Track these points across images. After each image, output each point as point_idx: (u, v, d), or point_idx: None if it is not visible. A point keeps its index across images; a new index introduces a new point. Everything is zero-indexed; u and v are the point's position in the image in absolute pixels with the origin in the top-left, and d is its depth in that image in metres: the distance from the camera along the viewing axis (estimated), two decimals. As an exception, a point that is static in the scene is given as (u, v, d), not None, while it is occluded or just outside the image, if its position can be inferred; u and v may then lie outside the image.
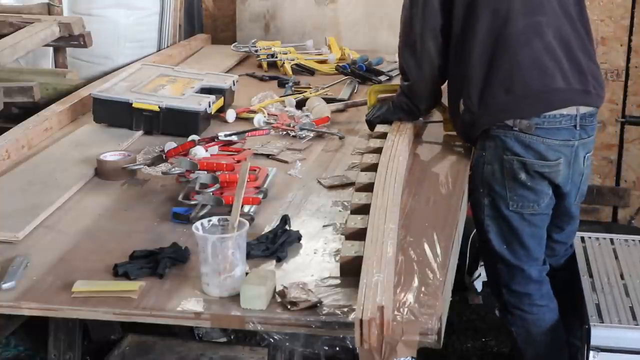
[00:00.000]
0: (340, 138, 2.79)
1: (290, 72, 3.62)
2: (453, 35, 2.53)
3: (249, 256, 1.92)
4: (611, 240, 3.09)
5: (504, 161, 2.48)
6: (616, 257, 2.97)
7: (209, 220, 1.90)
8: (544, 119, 2.44)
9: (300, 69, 3.69)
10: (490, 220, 2.57)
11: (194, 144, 2.50)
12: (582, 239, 3.06)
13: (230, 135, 2.62)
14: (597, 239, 3.08)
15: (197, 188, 2.22)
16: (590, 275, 2.82)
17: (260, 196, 2.26)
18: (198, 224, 1.88)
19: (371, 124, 2.77)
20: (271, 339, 1.85)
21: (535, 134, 2.44)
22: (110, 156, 2.52)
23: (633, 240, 3.09)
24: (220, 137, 2.59)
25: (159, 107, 2.80)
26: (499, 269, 2.63)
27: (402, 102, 2.70)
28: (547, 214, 2.59)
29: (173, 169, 2.34)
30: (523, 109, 2.45)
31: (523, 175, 2.48)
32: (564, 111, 2.46)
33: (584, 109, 2.49)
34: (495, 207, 2.54)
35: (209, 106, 2.86)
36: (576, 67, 2.49)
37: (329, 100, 3.14)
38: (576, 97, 2.48)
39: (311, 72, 3.68)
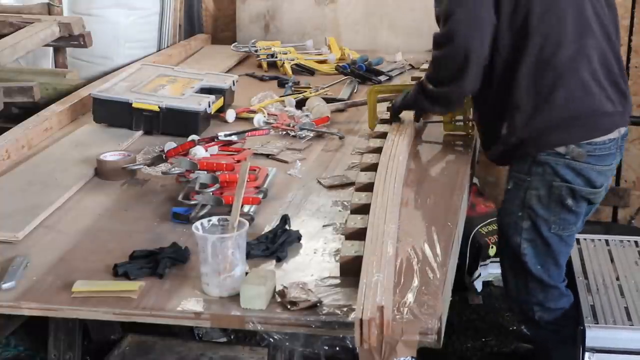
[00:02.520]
0: (340, 138, 2.79)
1: (290, 72, 3.62)
2: (498, 59, 2.43)
3: (249, 256, 1.92)
4: (606, 241, 3.09)
5: (552, 187, 2.46)
6: (611, 258, 2.97)
7: (209, 220, 1.90)
8: (595, 146, 2.43)
9: (300, 69, 3.69)
10: (528, 242, 2.55)
11: (193, 144, 2.50)
12: (577, 240, 3.06)
13: (230, 135, 2.62)
14: (593, 240, 3.08)
15: (197, 188, 2.22)
16: (586, 277, 2.83)
17: (260, 196, 2.26)
18: (198, 223, 1.88)
19: (395, 113, 2.73)
20: (271, 339, 1.85)
21: (587, 161, 2.43)
22: (110, 156, 2.52)
23: (628, 241, 3.10)
24: (220, 137, 2.59)
25: (159, 107, 2.80)
26: (531, 288, 2.62)
27: (422, 103, 2.61)
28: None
29: (173, 169, 2.34)
30: (574, 134, 2.42)
31: (570, 201, 2.48)
32: (611, 135, 2.46)
33: (623, 130, 2.51)
34: (536, 230, 2.52)
35: (209, 106, 2.86)
36: (617, 89, 2.48)
37: (328, 100, 3.14)
38: (619, 119, 2.49)
39: (311, 72, 3.68)
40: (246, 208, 2.20)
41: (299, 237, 2.07)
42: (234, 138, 2.61)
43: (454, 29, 2.39)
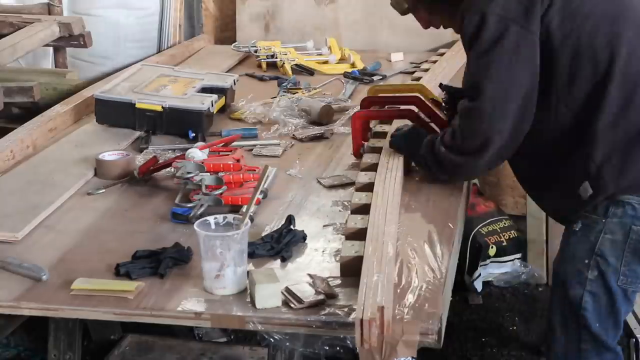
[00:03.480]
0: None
1: (290, 73, 3.62)
2: (565, 117, 2.15)
3: (254, 255, 1.92)
4: None
5: (630, 233, 2.16)
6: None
7: (225, 217, 1.90)
8: None
9: (300, 69, 3.69)
10: (591, 295, 2.21)
11: (155, 159, 2.50)
12: None
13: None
14: None
15: (204, 190, 2.22)
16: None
17: (260, 196, 2.26)
18: (211, 218, 1.89)
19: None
20: (271, 339, 1.85)
21: None
22: (109, 156, 2.52)
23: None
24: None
25: (162, 107, 2.80)
26: (584, 349, 2.26)
27: (427, 161, 2.33)
28: None
29: (179, 172, 2.31)
30: None
31: None
32: None
33: None
34: (603, 281, 2.20)
35: (212, 105, 2.86)
36: None
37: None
38: None
39: (310, 72, 3.68)
40: (245, 208, 2.20)
41: (304, 237, 2.07)
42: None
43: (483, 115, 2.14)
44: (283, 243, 2.02)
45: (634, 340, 2.54)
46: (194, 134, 2.78)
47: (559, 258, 2.29)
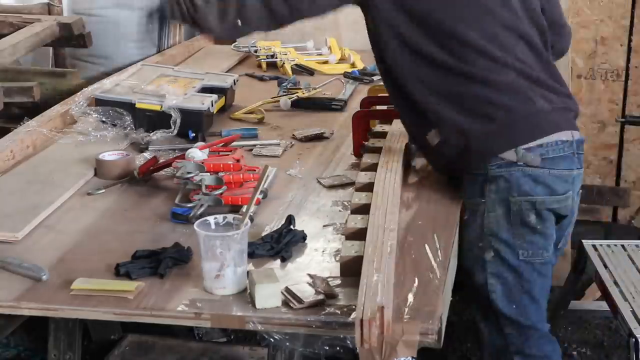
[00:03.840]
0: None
1: (291, 73, 3.62)
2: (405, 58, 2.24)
3: (253, 256, 1.92)
4: (622, 246, 3.08)
5: (510, 204, 2.18)
6: (633, 263, 2.97)
7: (225, 217, 1.91)
8: (547, 148, 2.18)
9: (300, 69, 3.69)
10: (495, 277, 2.22)
11: (155, 160, 2.50)
12: (594, 247, 3.06)
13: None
14: (609, 246, 3.08)
15: (204, 190, 2.22)
16: (617, 285, 2.81)
17: (260, 196, 2.26)
18: (211, 218, 1.89)
19: None
20: (271, 339, 1.85)
21: (542, 165, 2.17)
22: (109, 156, 2.52)
23: (646, 245, 3.09)
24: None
25: (162, 107, 2.80)
26: (507, 334, 2.26)
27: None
28: (553, 264, 2.31)
29: (179, 173, 2.31)
30: (519, 137, 2.18)
31: (533, 218, 2.19)
32: (562, 137, 2.21)
33: (577, 135, 2.26)
34: (502, 260, 2.21)
35: (212, 105, 2.86)
36: (550, 87, 2.27)
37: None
38: (566, 122, 2.27)
39: (310, 72, 3.68)
40: (245, 208, 2.20)
41: (304, 237, 2.07)
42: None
43: None
44: (283, 243, 2.02)
45: (633, 340, 2.54)
46: (194, 134, 2.78)
47: (460, 254, 2.26)
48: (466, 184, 2.26)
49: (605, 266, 2.94)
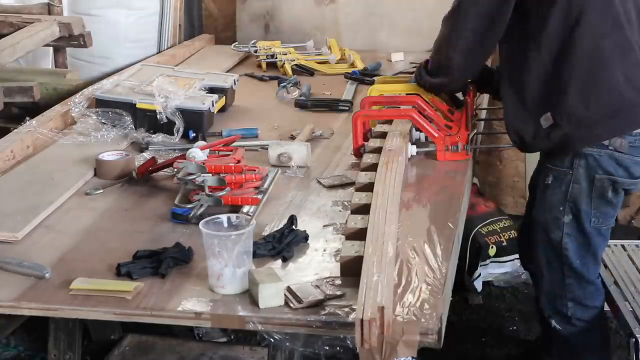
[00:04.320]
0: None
1: (291, 73, 3.62)
2: (545, 48, 2.44)
3: (255, 255, 1.92)
4: (622, 246, 3.08)
5: (594, 180, 2.49)
6: (633, 263, 2.97)
7: (237, 217, 1.91)
8: (636, 137, 2.47)
9: (300, 70, 3.69)
10: (570, 237, 2.56)
11: (153, 161, 2.50)
12: None
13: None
14: (609, 246, 3.08)
15: (207, 192, 2.22)
16: (617, 285, 2.81)
17: (260, 196, 2.26)
18: (224, 217, 1.89)
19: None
20: (271, 339, 1.85)
21: (628, 152, 2.47)
22: (109, 156, 2.52)
23: (646, 245, 3.09)
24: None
25: (165, 110, 2.79)
26: (568, 284, 2.62)
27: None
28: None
29: (180, 174, 2.31)
30: (619, 126, 2.45)
31: (610, 193, 2.51)
32: None
33: None
34: (577, 224, 2.54)
35: (212, 105, 2.86)
36: None
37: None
38: None
39: (311, 72, 3.69)
40: (245, 208, 2.21)
41: (305, 237, 2.07)
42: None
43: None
44: (285, 243, 2.02)
45: (633, 340, 2.54)
46: (194, 134, 2.78)
47: (538, 210, 2.61)
48: (545, 133, 2.47)
49: (606, 266, 2.94)
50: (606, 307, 2.89)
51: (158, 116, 2.75)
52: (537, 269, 2.70)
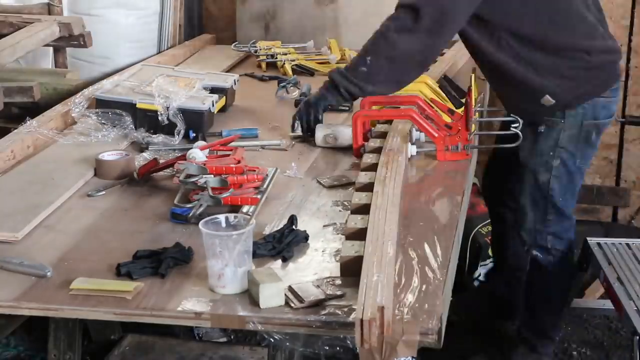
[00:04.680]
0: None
1: (291, 73, 3.63)
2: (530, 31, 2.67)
3: (254, 255, 1.92)
4: (627, 244, 3.08)
5: (582, 127, 2.77)
6: (638, 261, 2.97)
7: (235, 217, 1.91)
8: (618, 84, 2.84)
9: (300, 70, 3.69)
10: (556, 178, 2.83)
11: (155, 162, 2.50)
12: (599, 244, 3.07)
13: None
14: (614, 244, 3.08)
15: (210, 193, 2.21)
16: (622, 283, 2.81)
17: (259, 196, 2.26)
18: (222, 217, 1.89)
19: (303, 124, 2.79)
20: (271, 339, 1.85)
21: (612, 95, 2.80)
22: (109, 156, 2.52)
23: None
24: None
25: (166, 111, 2.79)
26: (550, 220, 2.90)
27: (343, 86, 2.69)
28: None
29: (182, 175, 2.31)
30: (610, 81, 2.79)
31: (594, 136, 2.81)
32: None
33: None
34: (565, 165, 2.82)
35: (213, 105, 2.86)
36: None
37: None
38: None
39: (311, 72, 3.69)
40: (245, 208, 2.21)
41: (306, 237, 2.07)
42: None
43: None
44: (285, 243, 2.02)
45: (637, 338, 2.54)
46: (195, 134, 2.78)
47: (528, 155, 2.83)
48: (548, 107, 2.73)
49: (610, 264, 2.94)
50: (608, 306, 2.89)
51: (159, 117, 2.75)
52: (521, 210, 2.95)
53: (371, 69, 2.64)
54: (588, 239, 3.13)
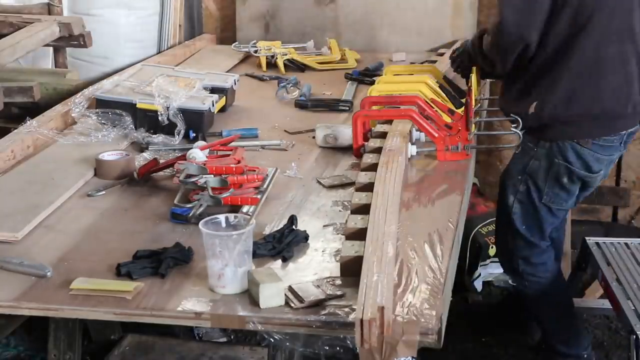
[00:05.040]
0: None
1: (283, 69, 3.66)
2: (550, 47, 2.60)
3: (255, 255, 1.92)
4: (626, 244, 3.09)
5: (553, 164, 2.71)
6: (637, 262, 2.97)
7: (236, 217, 1.91)
8: (603, 138, 2.68)
9: (291, 64, 3.72)
10: (519, 204, 2.81)
11: (155, 162, 2.49)
12: (598, 244, 3.07)
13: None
14: (612, 244, 3.08)
15: (210, 193, 2.21)
16: (620, 283, 2.82)
17: (259, 196, 2.26)
18: (222, 217, 1.89)
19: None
20: (271, 339, 1.85)
21: (590, 148, 2.68)
22: (109, 156, 2.52)
23: (648, 243, 3.10)
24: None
25: (167, 111, 2.79)
26: (517, 244, 2.89)
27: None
28: (569, 210, 2.97)
29: (182, 176, 2.31)
30: (595, 130, 2.67)
31: (565, 180, 2.72)
32: (621, 132, 2.71)
33: (632, 129, 2.75)
34: (529, 196, 2.78)
35: (213, 105, 2.86)
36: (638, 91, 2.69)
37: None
38: (632, 121, 2.74)
39: (301, 68, 3.70)
40: (245, 208, 2.21)
41: (306, 237, 2.07)
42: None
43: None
44: (285, 243, 2.02)
45: (634, 336, 2.54)
46: (195, 134, 2.78)
47: (503, 173, 2.89)
48: (530, 115, 2.66)
49: (609, 264, 2.94)
50: (608, 305, 2.89)
51: (159, 118, 2.75)
52: (496, 230, 3.06)
53: None
54: (587, 238, 3.13)
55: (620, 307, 2.69)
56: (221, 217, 1.90)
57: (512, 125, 2.63)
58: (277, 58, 3.73)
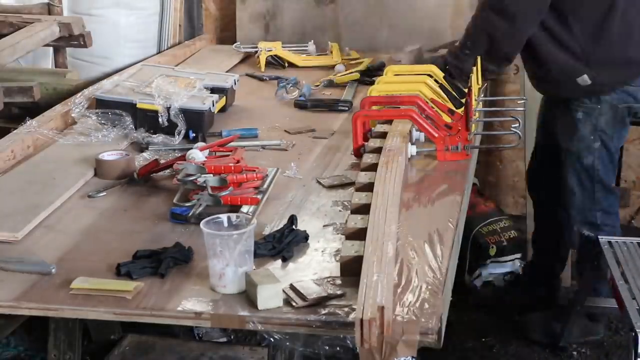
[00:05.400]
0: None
1: (263, 66, 3.72)
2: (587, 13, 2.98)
3: (254, 255, 1.92)
4: (638, 244, 3.08)
5: (618, 109, 3.08)
6: None
7: (237, 217, 1.91)
8: None
9: (273, 62, 3.75)
10: (600, 159, 3.14)
11: (156, 163, 2.49)
12: (610, 243, 3.06)
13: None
14: (625, 243, 3.08)
15: (209, 192, 2.21)
16: (626, 281, 2.81)
17: (259, 196, 2.26)
18: (224, 216, 1.89)
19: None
20: (271, 339, 1.85)
21: (638, 84, 3.09)
22: (109, 156, 2.52)
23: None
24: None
25: (167, 110, 2.79)
26: (598, 197, 3.20)
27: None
28: None
29: (181, 175, 2.31)
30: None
31: (627, 119, 3.13)
32: None
33: None
34: (606, 147, 3.13)
35: (213, 105, 2.86)
36: None
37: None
38: None
39: (282, 65, 3.73)
40: (245, 208, 2.21)
41: (306, 237, 2.07)
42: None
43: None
44: (285, 243, 2.02)
45: (633, 334, 2.54)
46: (195, 134, 2.78)
47: (569, 141, 3.15)
48: (582, 87, 3.04)
49: (619, 263, 2.94)
50: (609, 305, 2.89)
51: (160, 119, 2.75)
52: (568, 191, 3.22)
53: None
54: (600, 237, 3.12)
55: (624, 305, 2.69)
56: (223, 217, 1.90)
57: (512, 126, 2.63)
58: (259, 55, 3.76)
